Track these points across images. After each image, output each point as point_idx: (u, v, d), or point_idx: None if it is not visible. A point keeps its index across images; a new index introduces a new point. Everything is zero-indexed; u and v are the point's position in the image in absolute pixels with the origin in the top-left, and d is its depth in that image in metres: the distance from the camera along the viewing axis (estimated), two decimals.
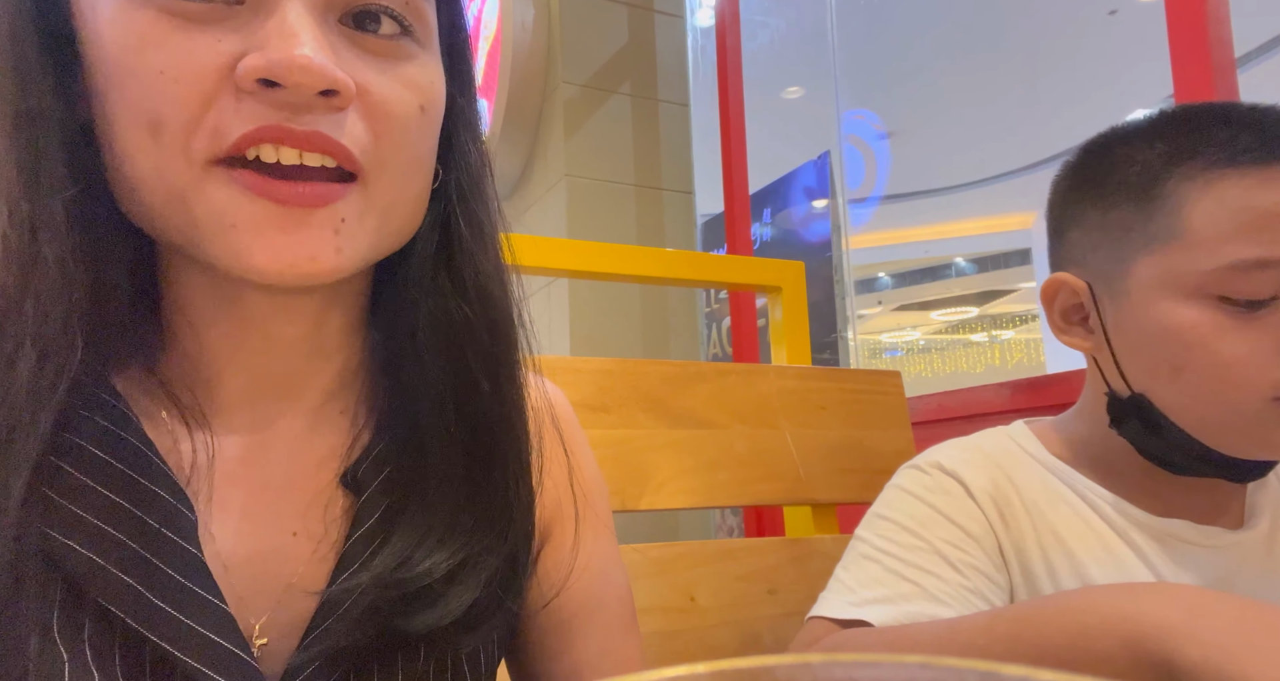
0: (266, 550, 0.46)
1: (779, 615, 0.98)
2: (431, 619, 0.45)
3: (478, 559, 0.47)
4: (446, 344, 0.48)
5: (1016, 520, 0.71)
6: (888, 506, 0.74)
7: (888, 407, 1.14)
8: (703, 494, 0.99)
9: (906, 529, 0.70)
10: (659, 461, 0.98)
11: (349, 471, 0.48)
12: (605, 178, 2.49)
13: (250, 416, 0.47)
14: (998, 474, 0.73)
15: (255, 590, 0.45)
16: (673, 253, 1.37)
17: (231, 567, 0.44)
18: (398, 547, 0.45)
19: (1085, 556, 0.68)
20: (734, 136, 2.36)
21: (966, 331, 10.84)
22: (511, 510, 0.50)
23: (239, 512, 0.46)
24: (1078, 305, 0.72)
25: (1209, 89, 1.14)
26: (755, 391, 1.07)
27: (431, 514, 0.47)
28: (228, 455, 0.46)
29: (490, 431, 0.49)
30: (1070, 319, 0.73)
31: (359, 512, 0.47)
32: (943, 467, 0.74)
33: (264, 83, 0.38)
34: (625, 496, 0.95)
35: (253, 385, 0.47)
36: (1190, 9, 1.17)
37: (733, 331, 2.33)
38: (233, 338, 0.46)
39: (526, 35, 2.61)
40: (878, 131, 6.00)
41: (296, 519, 0.47)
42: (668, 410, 1.01)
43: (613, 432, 0.97)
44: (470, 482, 0.48)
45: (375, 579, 0.44)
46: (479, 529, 0.48)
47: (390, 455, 0.48)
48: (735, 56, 2.40)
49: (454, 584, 0.46)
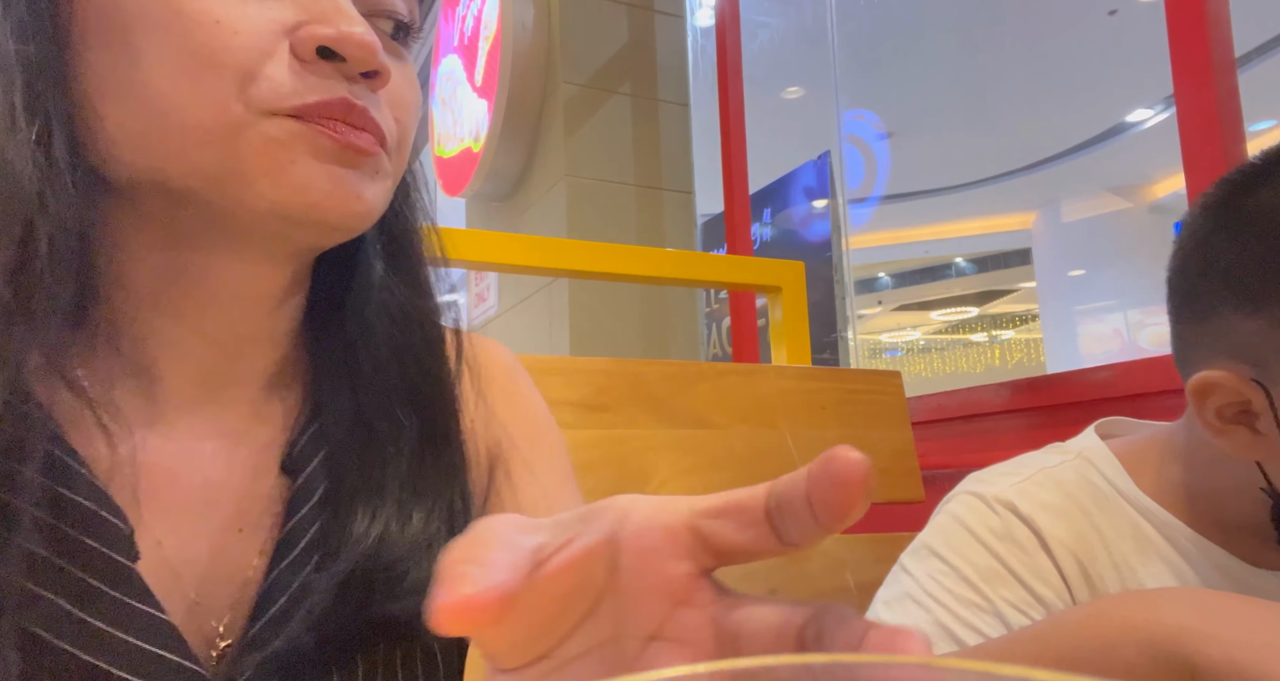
0: (216, 549, 0.44)
1: None
2: (388, 608, 0.43)
3: (434, 540, 0.46)
4: (393, 331, 0.49)
5: (1102, 579, 0.62)
6: (945, 544, 0.65)
7: (888, 407, 1.14)
8: (702, 494, 0.99)
9: (966, 580, 0.62)
10: (659, 461, 0.98)
11: (286, 455, 0.47)
12: (605, 178, 2.49)
13: (190, 410, 0.45)
14: (1082, 522, 0.63)
15: (211, 592, 0.44)
16: (673, 253, 1.37)
17: (182, 572, 0.43)
18: (350, 530, 0.44)
19: None
20: (734, 136, 2.36)
21: (966, 331, 10.84)
22: (464, 485, 0.49)
23: (183, 513, 0.44)
24: (1239, 403, 0.59)
25: (1209, 89, 1.14)
26: (755, 391, 1.07)
27: (378, 496, 0.45)
28: (167, 453, 0.44)
29: (437, 412, 0.49)
30: (1226, 417, 0.60)
31: (295, 496, 0.46)
32: (1017, 511, 0.64)
33: (323, 53, 0.41)
34: None
35: (195, 376, 0.45)
36: (1190, 9, 1.17)
37: (733, 331, 2.33)
38: (183, 324, 0.44)
39: (526, 35, 2.61)
40: (878, 131, 6.00)
41: (242, 513, 0.45)
42: (667, 410, 1.01)
43: (612, 432, 0.97)
44: (419, 464, 0.47)
45: (319, 567, 0.43)
46: (434, 510, 0.47)
47: (327, 436, 0.47)
48: (735, 56, 2.40)
49: (411, 568, 0.44)
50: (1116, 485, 0.65)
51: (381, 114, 0.44)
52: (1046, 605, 0.61)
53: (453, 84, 3.24)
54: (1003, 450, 0.77)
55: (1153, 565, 0.62)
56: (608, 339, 2.40)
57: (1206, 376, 0.59)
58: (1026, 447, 0.74)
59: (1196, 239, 0.61)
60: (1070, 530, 0.63)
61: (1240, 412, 0.59)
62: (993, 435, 1.52)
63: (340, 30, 0.40)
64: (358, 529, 0.44)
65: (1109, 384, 1.31)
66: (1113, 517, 0.64)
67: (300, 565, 0.44)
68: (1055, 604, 0.61)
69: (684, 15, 2.75)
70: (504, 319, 2.85)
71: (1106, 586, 0.62)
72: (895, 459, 1.12)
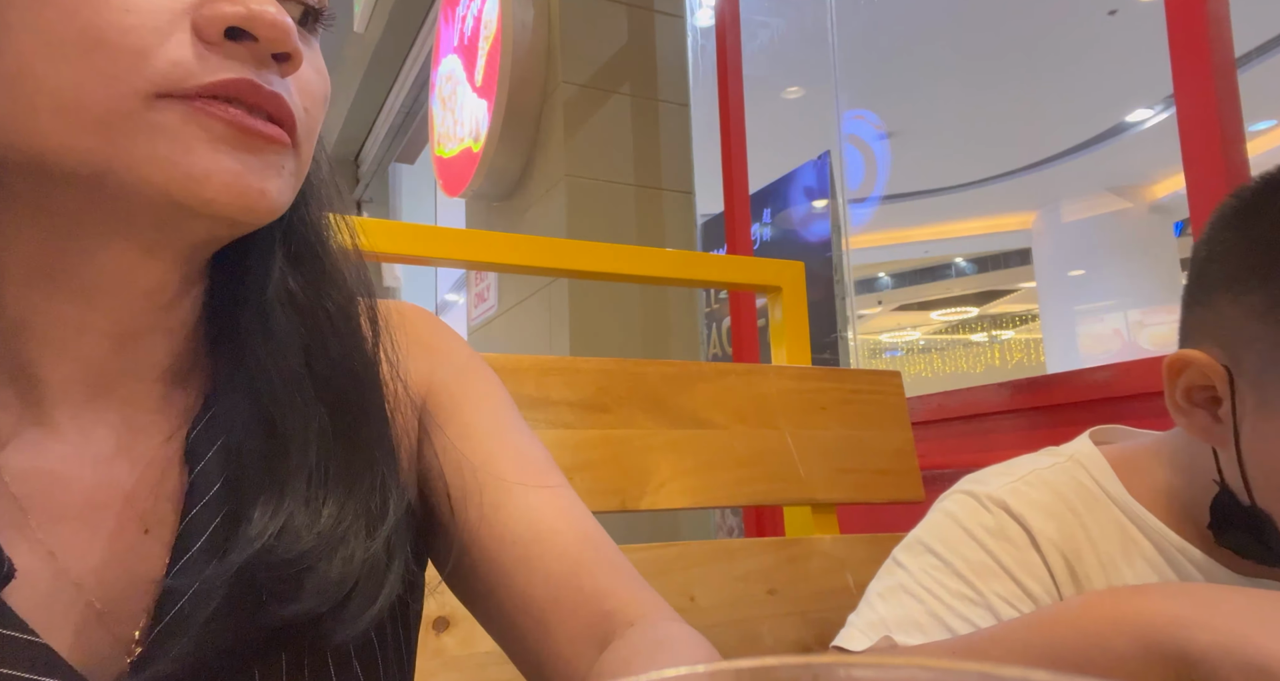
0: (120, 553, 0.41)
1: (779, 615, 0.98)
2: (289, 609, 0.40)
3: (348, 535, 0.42)
4: (295, 321, 0.46)
5: (1088, 577, 0.63)
6: (939, 539, 0.67)
7: (888, 407, 1.14)
8: (702, 494, 0.99)
9: (959, 574, 0.64)
10: (659, 461, 0.98)
11: (186, 445, 0.44)
12: (605, 178, 2.49)
13: (79, 408, 0.42)
14: (1071, 522, 0.65)
15: (119, 599, 0.41)
16: (673, 253, 1.37)
17: (84, 581, 0.40)
18: (249, 524, 0.41)
19: None
20: (734, 136, 2.36)
21: (966, 331, 10.84)
22: (384, 476, 0.46)
23: (80, 520, 0.41)
24: (1206, 387, 0.61)
25: (1209, 89, 1.14)
26: (755, 391, 1.07)
27: (277, 489, 0.42)
28: (55, 456, 0.41)
29: (351, 400, 0.46)
30: (1193, 399, 0.62)
31: (192, 489, 0.43)
32: (1008, 509, 0.66)
33: (230, 34, 0.38)
34: (625, 496, 0.95)
35: (83, 373, 0.42)
36: (1190, 9, 1.17)
37: (733, 331, 2.33)
38: (65, 319, 0.41)
39: (526, 35, 2.61)
40: (878, 131, 6.00)
41: (146, 513, 0.42)
42: (667, 410, 1.01)
43: (612, 432, 0.97)
44: (330, 454, 0.44)
45: (226, 562, 0.40)
46: (347, 502, 0.43)
47: (222, 426, 0.44)
48: (735, 56, 2.40)
49: (321, 563, 0.41)
50: (1105, 488, 0.67)
51: (293, 101, 0.41)
52: (1035, 599, 0.63)
53: (453, 84, 3.24)
54: (1002, 450, 0.77)
55: (1137, 565, 0.64)
56: (608, 339, 2.40)
57: (1182, 354, 0.61)
58: (1026, 448, 0.75)
59: (1214, 226, 0.63)
60: (1059, 529, 0.65)
61: (1207, 398, 0.61)
62: (993, 435, 1.52)
63: (250, 8, 0.37)
64: (254, 524, 0.41)
65: (1109, 384, 1.31)
66: (1100, 519, 0.65)
67: (201, 563, 0.41)
68: (1044, 598, 0.63)
69: (684, 15, 2.75)
70: (504, 319, 2.85)
71: (1092, 584, 0.63)
72: (895, 459, 1.12)
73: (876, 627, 0.63)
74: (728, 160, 2.37)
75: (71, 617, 0.40)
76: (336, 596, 0.41)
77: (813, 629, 0.99)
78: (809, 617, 1.00)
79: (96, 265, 0.40)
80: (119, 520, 0.42)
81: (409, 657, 0.51)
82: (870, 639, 0.63)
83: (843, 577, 1.04)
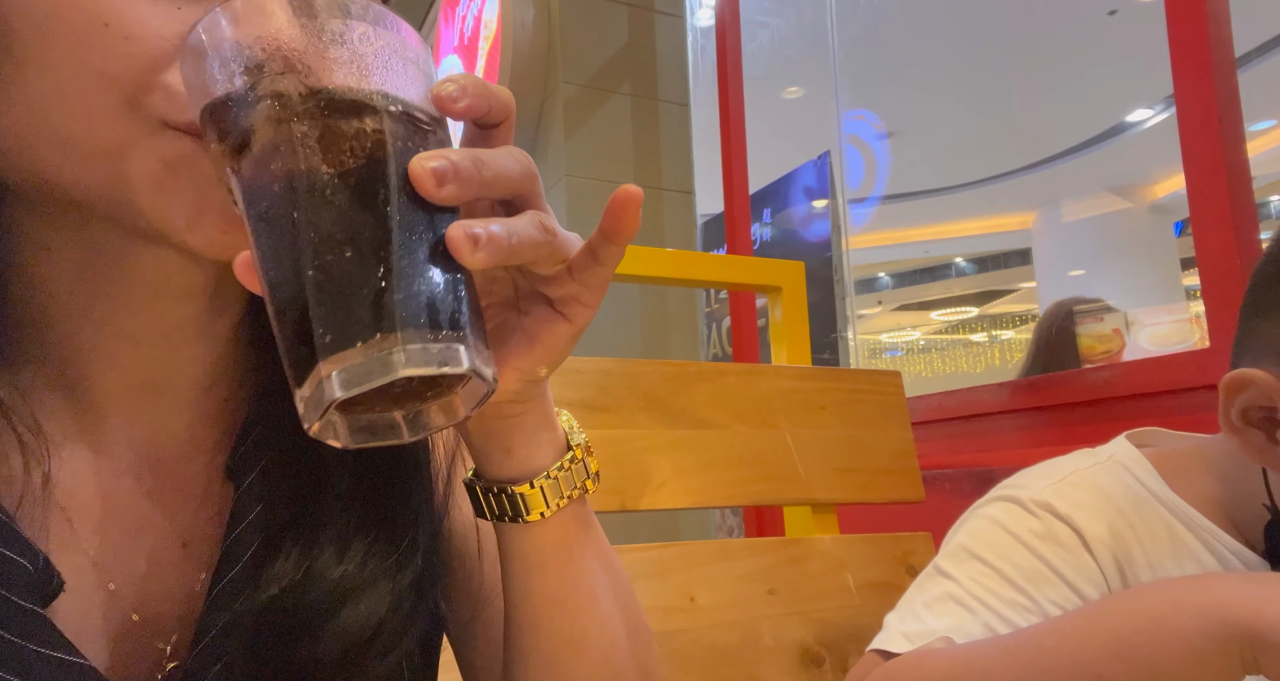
0: (159, 565, 0.42)
1: (779, 615, 0.98)
2: (320, 648, 0.40)
3: (376, 576, 0.42)
4: None
5: (1138, 579, 0.62)
6: (985, 546, 0.65)
7: (888, 407, 1.14)
8: (703, 494, 0.99)
9: (1010, 581, 0.62)
10: (659, 461, 0.98)
11: (229, 461, 0.44)
12: (605, 178, 2.49)
13: (125, 418, 0.42)
14: (1119, 522, 0.64)
15: (155, 611, 0.41)
16: (673, 253, 1.37)
17: (123, 591, 0.40)
18: (278, 559, 0.41)
19: None
20: (734, 136, 2.36)
21: (966, 331, 10.84)
22: (418, 502, 0.46)
23: (123, 530, 0.41)
24: (1266, 407, 0.60)
25: (1209, 89, 1.14)
26: (755, 391, 1.07)
27: (310, 525, 0.42)
28: (101, 467, 0.41)
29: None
30: (1249, 419, 0.61)
31: (237, 508, 0.43)
32: (1055, 511, 0.64)
33: None
34: (625, 496, 0.95)
35: (126, 381, 0.42)
36: (1190, 9, 1.17)
37: (733, 331, 2.33)
38: (110, 325, 0.41)
39: (526, 35, 2.61)
40: (878, 131, 6.00)
41: (186, 526, 0.42)
42: (667, 410, 1.01)
43: (612, 432, 0.97)
44: (365, 485, 0.44)
45: (254, 597, 0.40)
46: (375, 544, 0.43)
47: (268, 443, 0.44)
48: (735, 56, 2.40)
49: (347, 605, 0.41)
50: (1151, 488, 0.65)
51: None
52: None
53: None
54: (1002, 450, 0.77)
55: (1187, 566, 0.62)
56: (608, 339, 2.40)
57: (1242, 372, 0.60)
58: (1026, 448, 0.75)
59: (1276, 243, 0.62)
60: (1109, 529, 0.63)
61: (1264, 418, 0.60)
62: (993, 435, 1.52)
63: None
64: (283, 562, 0.41)
65: (1109, 384, 1.31)
66: (1148, 519, 0.64)
67: (239, 586, 0.41)
68: None
69: (684, 15, 2.75)
70: None
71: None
72: (895, 459, 1.12)
73: (925, 637, 0.61)
74: (728, 160, 2.37)
75: (111, 629, 0.40)
76: (358, 640, 0.41)
77: (813, 629, 0.99)
78: (809, 617, 1.00)
79: (136, 270, 0.40)
80: (160, 533, 0.42)
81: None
82: (924, 643, 0.60)
83: (843, 577, 1.04)
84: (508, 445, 0.42)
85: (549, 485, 0.43)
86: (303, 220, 0.29)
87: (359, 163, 0.30)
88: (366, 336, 0.28)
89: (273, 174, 0.30)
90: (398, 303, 0.29)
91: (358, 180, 0.30)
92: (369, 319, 0.28)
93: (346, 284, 0.29)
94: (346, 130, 0.30)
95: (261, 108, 0.30)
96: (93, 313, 0.40)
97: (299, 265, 0.29)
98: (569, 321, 0.39)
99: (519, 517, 0.43)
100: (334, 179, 0.29)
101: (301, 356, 0.29)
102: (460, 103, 0.33)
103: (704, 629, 0.93)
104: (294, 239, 0.29)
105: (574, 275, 0.38)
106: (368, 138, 0.30)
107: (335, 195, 0.29)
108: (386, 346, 0.28)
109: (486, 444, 0.43)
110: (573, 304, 0.39)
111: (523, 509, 0.43)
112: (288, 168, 0.30)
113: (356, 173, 0.30)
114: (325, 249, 0.29)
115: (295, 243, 0.29)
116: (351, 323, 0.28)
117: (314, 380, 0.28)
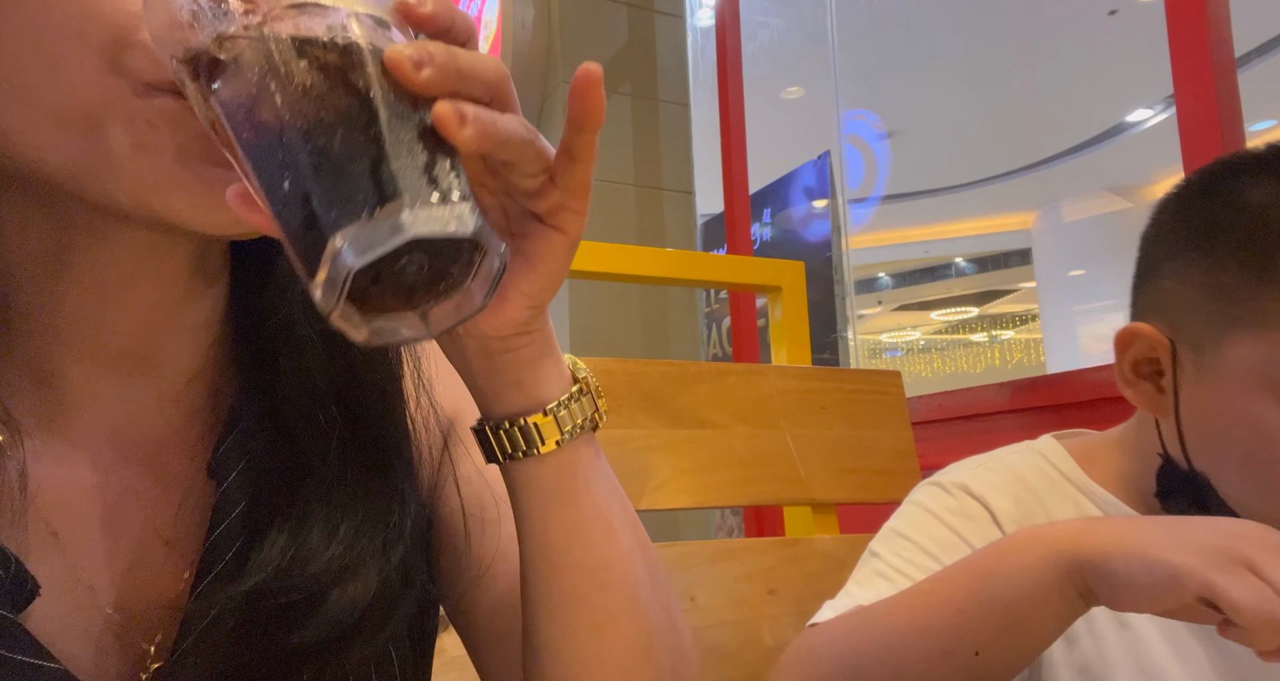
0: (139, 564, 0.40)
1: (779, 615, 0.98)
2: (310, 632, 0.39)
3: (364, 557, 0.42)
4: (320, 330, 0.44)
5: None
6: (907, 524, 0.70)
7: (888, 407, 1.14)
8: (703, 494, 0.99)
9: (926, 551, 0.67)
10: (659, 461, 0.98)
11: (211, 459, 0.43)
12: (605, 177, 2.49)
13: (102, 412, 0.41)
14: (1029, 499, 0.69)
15: (137, 611, 0.40)
16: (673, 253, 1.37)
17: (102, 590, 0.39)
18: (264, 546, 0.40)
19: None
20: (734, 136, 2.36)
21: (966, 331, 10.84)
22: (404, 493, 0.45)
23: (102, 529, 0.40)
24: (1152, 360, 0.65)
25: (1209, 89, 1.14)
26: (755, 391, 1.07)
27: (297, 511, 0.41)
28: (77, 462, 0.40)
29: (373, 417, 0.45)
30: (1140, 372, 0.66)
31: (219, 504, 0.42)
32: (968, 490, 0.70)
33: None
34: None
35: (105, 371, 0.41)
36: (1190, 9, 1.17)
37: (733, 331, 2.33)
38: (79, 316, 0.39)
39: (527, 35, 2.61)
40: (878, 131, 6.00)
41: (168, 523, 0.41)
42: (668, 410, 1.01)
43: (612, 432, 0.97)
44: (349, 473, 0.44)
45: (239, 585, 0.39)
46: (363, 525, 0.43)
47: (249, 441, 0.43)
48: (735, 56, 2.41)
49: (336, 587, 0.40)
50: (1063, 470, 0.71)
51: None
52: None
53: None
54: None
55: None
56: (608, 339, 2.40)
57: (1131, 327, 0.66)
58: None
59: (1160, 211, 0.69)
60: (1017, 506, 0.69)
61: (1152, 371, 0.65)
62: (993, 435, 1.52)
63: None
64: (269, 548, 0.40)
65: (1109, 384, 1.31)
66: (1058, 497, 0.69)
67: (223, 584, 0.40)
68: None
69: (684, 15, 2.75)
70: None
71: None
72: (895, 459, 1.12)
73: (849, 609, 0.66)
74: (728, 160, 2.38)
75: (90, 629, 0.39)
76: (346, 623, 0.41)
77: None
78: (809, 617, 1.00)
79: (107, 257, 0.39)
80: (140, 530, 0.41)
81: (426, 671, 0.51)
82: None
83: (843, 577, 1.03)
84: (516, 377, 0.42)
85: (561, 414, 0.43)
86: (290, 116, 0.29)
87: (337, 57, 0.30)
88: (373, 205, 0.28)
89: (254, 82, 0.30)
90: (397, 171, 0.29)
91: (338, 69, 0.30)
92: (372, 188, 0.28)
93: (344, 160, 0.29)
94: (319, 29, 0.31)
95: (231, 23, 0.31)
96: (64, 301, 0.39)
97: (296, 159, 0.29)
98: (563, 232, 0.39)
99: (533, 449, 0.42)
100: (315, 71, 0.30)
101: (312, 242, 0.29)
102: (423, 7, 0.33)
103: (704, 629, 0.93)
104: (285, 136, 0.29)
105: (556, 181, 0.37)
106: (340, 33, 0.31)
107: (318, 86, 0.30)
108: (394, 211, 0.28)
109: (494, 379, 0.42)
110: (562, 213, 0.38)
111: (537, 439, 0.42)
112: (268, 69, 0.30)
113: (336, 65, 0.30)
114: (317, 133, 0.29)
115: (287, 139, 0.29)
116: (356, 193, 0.28)
117: (327, 258, 0.28)
